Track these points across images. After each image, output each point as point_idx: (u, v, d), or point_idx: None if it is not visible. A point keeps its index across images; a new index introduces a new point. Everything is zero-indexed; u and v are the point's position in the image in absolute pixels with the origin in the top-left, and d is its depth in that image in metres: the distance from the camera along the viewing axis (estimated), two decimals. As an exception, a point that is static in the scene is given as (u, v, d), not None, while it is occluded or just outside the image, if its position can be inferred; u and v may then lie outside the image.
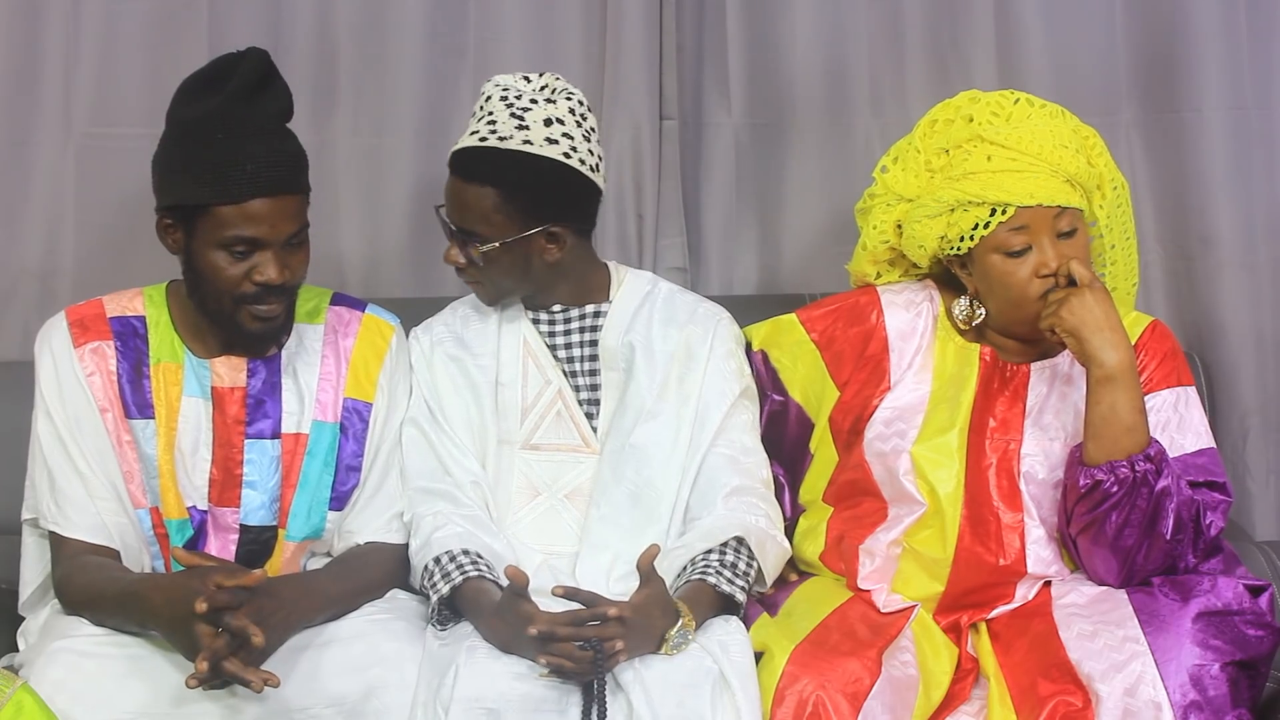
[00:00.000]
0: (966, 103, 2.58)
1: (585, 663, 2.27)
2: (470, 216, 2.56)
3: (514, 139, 2.53)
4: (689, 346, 2.64)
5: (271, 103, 2.46)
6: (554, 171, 2.54)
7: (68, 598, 2.42)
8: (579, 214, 2.61)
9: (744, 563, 2.49)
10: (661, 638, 2.35)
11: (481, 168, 2.54)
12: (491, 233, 2.55)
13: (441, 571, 2.47)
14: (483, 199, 2.54)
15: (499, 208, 2.54)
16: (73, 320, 2.54)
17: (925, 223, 2.56)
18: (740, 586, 2.46)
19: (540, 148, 2.53)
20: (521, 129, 2.53)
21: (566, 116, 2.55)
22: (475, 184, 2.54)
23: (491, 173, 2.53)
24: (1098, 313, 2.43)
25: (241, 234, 2.41)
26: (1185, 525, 2.46)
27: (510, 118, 2.53)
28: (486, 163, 2.54)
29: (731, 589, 2.45)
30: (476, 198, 2.54)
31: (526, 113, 2.53)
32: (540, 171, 2.53)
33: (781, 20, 3.18)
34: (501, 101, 2.56)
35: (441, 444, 2.61)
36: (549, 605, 2.36)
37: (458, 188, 2.57)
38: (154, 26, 3.09)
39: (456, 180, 2.57)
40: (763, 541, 2.53)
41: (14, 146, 3.09)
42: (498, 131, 2.53)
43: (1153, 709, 2.30)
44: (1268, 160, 3.16)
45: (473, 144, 2.55)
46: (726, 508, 2.54)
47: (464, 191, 2.56)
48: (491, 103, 2.57)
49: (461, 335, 2.69)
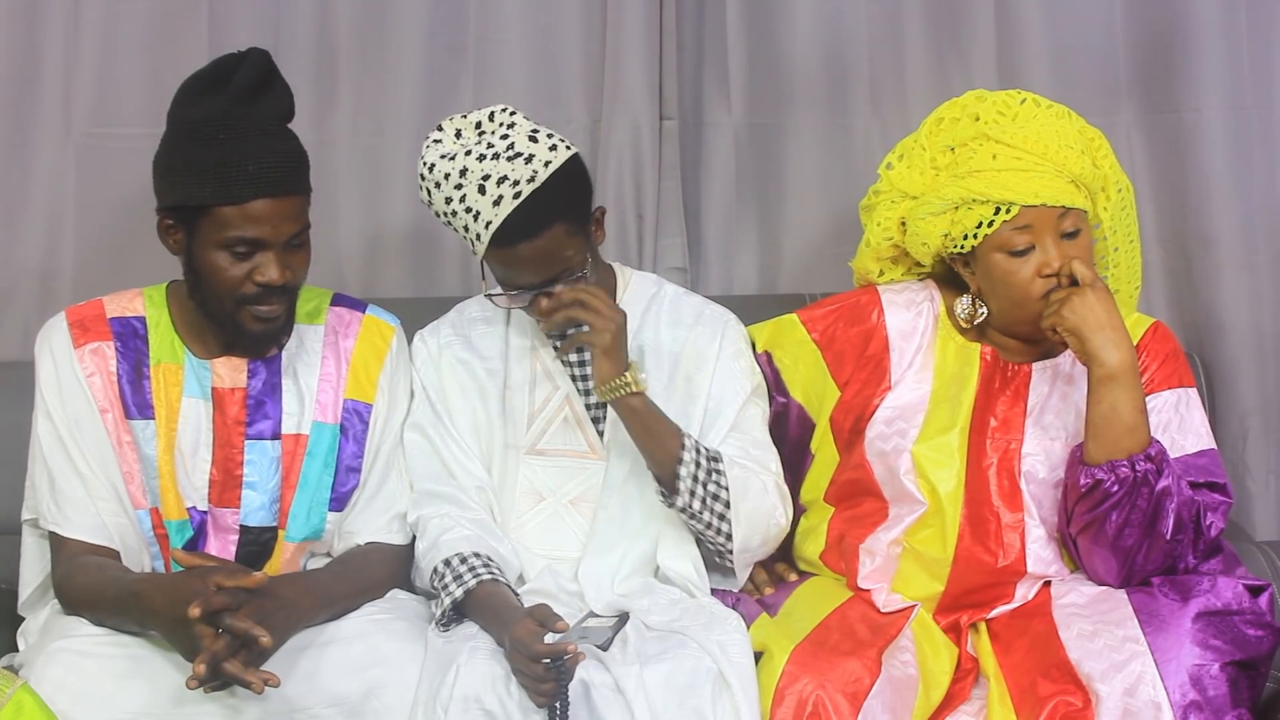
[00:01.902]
0: (973, 101, 2.58)
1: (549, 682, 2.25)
2: (553, 262, 2.49)
3: (539, 173, 2.47)
4: (697, 348, 2.64)
5: (272, 103, 2.46)
6: (578, 167, 2.54)
7: (68, 598, 2.42)
8: (592, 189, 2.61)
9: (713, 469, 2.51)
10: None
11: (539, 214, 2.47)
12: (577, 256, 2.51)
13: (453, 574, 2.47)
14: (557, 237, 2.48)
15: (571, 231, 2.50)
16: (73, 321, 2.54)
17: (929, 220, 2.56)
18: (694, 467, 2.49)
19: (556, 158, 2.50)
20: (530, 160, 2.48)
21: (525, 120, 2.54)
22: (545, 231, 2.47)
23: (550, 211, 2.47)
24: (1099, 312, 2.43)
25: (243, 235, 2.41)
26: (1185, 525, 2.46)
27: (510, 161, 2.47)
28: (539, 206, 2.47)
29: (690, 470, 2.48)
30: (552, 241, 2.48)
31: (514, 144, 2.49)
32: (574, 176, 2.52)
33: (781, 20, 3.18)
34: (485, 160, 2.47)
35: (446, 448, 2.61)
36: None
37: (529, 249, 2.47)
38: (154, 26, 3.09)
39: (524, 244, 2.47)
40: (747, 481, 2.53)
41: (14, 146, 3.09)
42: (520, 177, 2.47)
43: (1152, 709, 2.30)
44: (1268, 160, 3.16)
45: (511, 208, 2.46)
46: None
47: (537, 246, 2.47)
48: (474, 170, 2.46)
49: (469, 338, 2.68)
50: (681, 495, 2.49)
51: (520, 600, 2.46)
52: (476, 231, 2.48)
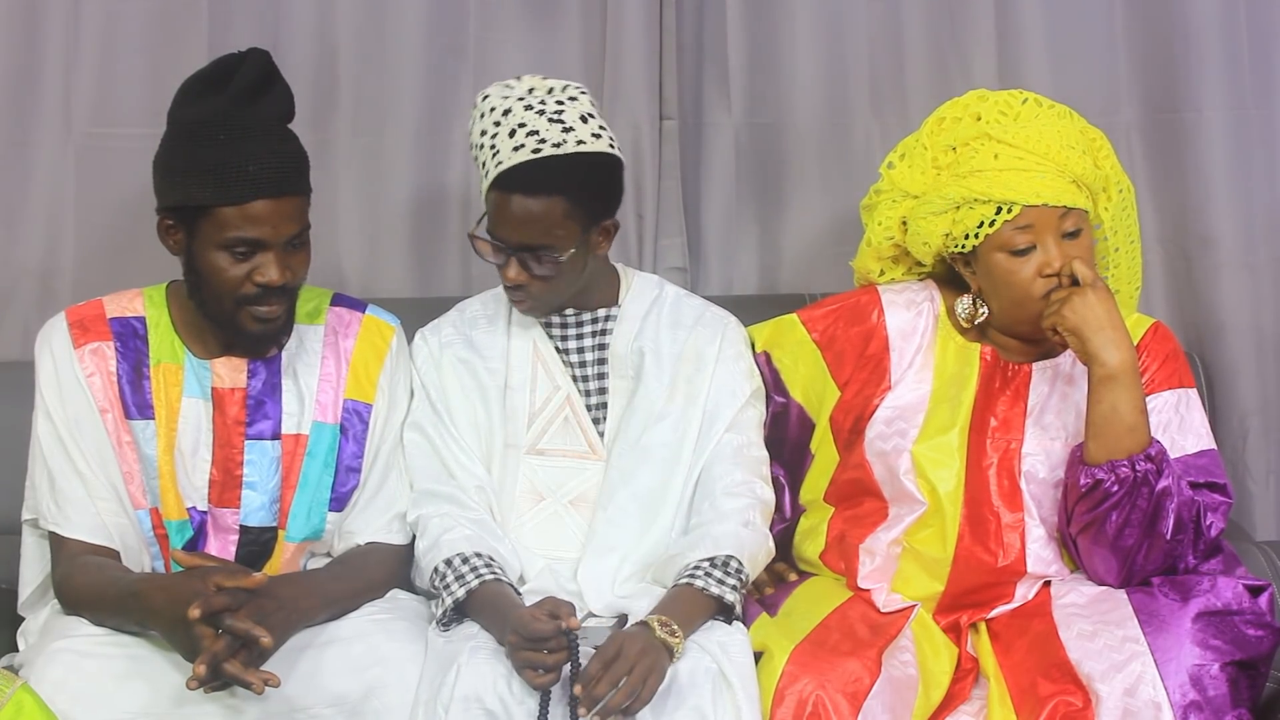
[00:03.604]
0: (975, 101, 2.58)
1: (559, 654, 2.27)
2: (538, 230, 2.49)
3: (568, 143, 2.48)
4: (697, 349, 2.64)
5: (273, 104, 2.46)
6: (608, 164, 2.53)
7: (68, 598, 2.42)
8: (619, 199, 2.60)
9: (734, 573, 2.48)
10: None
11: (547, 178, 2.48)
12: (564, 240, 2.50)
13: (454, 573, 2.47)
14: (552, 209, 2.48)
15: (570, 214, 2.49)
16: (73, 321, 2.53)
17: (930, 219, 2.56)
18: (731, 586, 2.46)
19: (593, 145, 2.50)
20: (568, 131, 2.49)
21: (591, 108, 2.55)
22: (542, 196, 2.48)
23: (557, 181, 2.48)
24: (1099, 312, 2.43)
25: (243, 235, 2.41)
26: (1185, 525, 2.46)
27: (549, 124, 2.49)
28: (551, 171, 2.48)
29: (721, 590, 2.44)
30: (546, 210, 2.48)
31: (563, 114, 2.50)
32: (600, 168, 2.52)
33: (782, 20, 3.18)
34: (530, 110, 2.50)
35: (446, 447, 2.61)
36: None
37: (521, 205, 2.49)
38: (154, 26, 3.09)
39: (518, 197, 2.49)
40: (755, 555, 2.53)
41: (14, 146, 3.09)
42: (548, 139, 2.48)
43: (1152, 709, 2.30)
44: (1268, 160, 3.16)
45: (525, 159, 2.48)
46: (726, 507, 2.54)
47: (529, 206, 2.48)
48: (516, 115, 2.50)
49: (470, 337, 2.68)
50: (737, 605, 2.46)
51: (522, 600, 2.45)
52: (489, 168, 2.50)
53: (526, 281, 2.54)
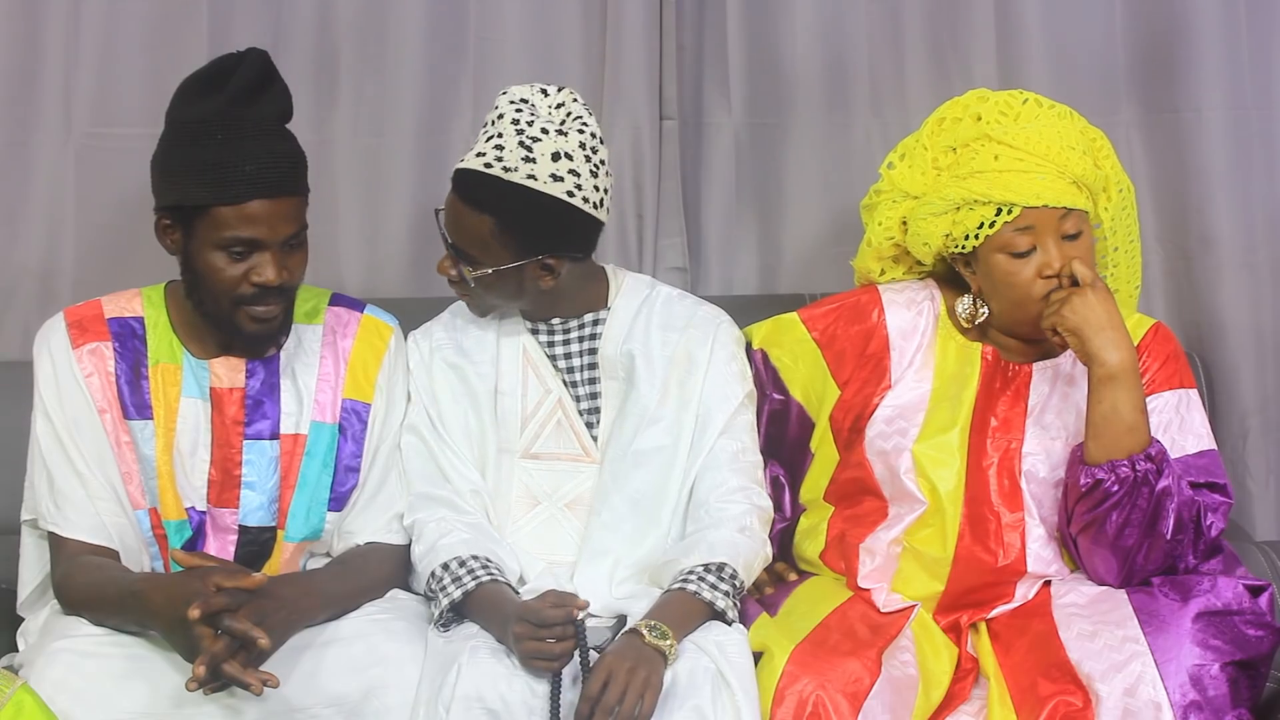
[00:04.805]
0: (975, 101, 2.58)
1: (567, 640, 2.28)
2: (465, 239, 2.52)
3: (518, 171, 2.47)
4: (689, 351, 2.63)
5: (271, 104, 2.46)
6: (555, 209, 2.49)
7: (67, 598, 2.42)
8: (577, 246, 2.57)
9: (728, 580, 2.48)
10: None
11: (482, 194, 2.49)
12: (485, 259, 2.51)
13: (451, 576, 2.46)
14: (480, 225, 2.49)
15: (495, 236, 2.49)
16: (71, 321, 2.53)
17: (931, 220, 2.56)
18: (724, 593, 2.44)
19: (544, 184, 2.47)
20: (528, 161, 2.47)
21: (575, 152, 2.49)
22: (473, 209, 2.50)
23: (491, 201, 2.48)
24: (1100, 312, 2.43)
25: (240, 235, 2.41)
26: (1186, 525, 2.46)
27: (518, 146, 2.47)
28: (488, 189, 2.48)
29: (714, 595, 2.43)
30: (474, 223, 2.50)
31: (535, 144, 2.48)
32: (541, 208, 2.49)
33: (781, 20, 3.18)
34: (513, 125, 2.49)
35: (441, 452, 2.61)
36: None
37: (456, 208, 2.52)
38: (154, 26, 3.09)
39: (456, 200, 2.53)
40: (750, 562, 2.53)
41: (14, 146, 3.09)
42: (504, 160, 2.47)
43: (1152, 709, 2.30)
44: (1268, 160, 3.16)
45: (476, 166, 2.50)
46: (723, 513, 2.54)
47: (462, 214, 2.51)
48: (502, 123, 2.51)
49: (461, 342, 2.67)
50: (729, 612, 2.45)
51: (521, 598, 2.45)
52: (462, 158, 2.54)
53: (456, 280, 2.57)
